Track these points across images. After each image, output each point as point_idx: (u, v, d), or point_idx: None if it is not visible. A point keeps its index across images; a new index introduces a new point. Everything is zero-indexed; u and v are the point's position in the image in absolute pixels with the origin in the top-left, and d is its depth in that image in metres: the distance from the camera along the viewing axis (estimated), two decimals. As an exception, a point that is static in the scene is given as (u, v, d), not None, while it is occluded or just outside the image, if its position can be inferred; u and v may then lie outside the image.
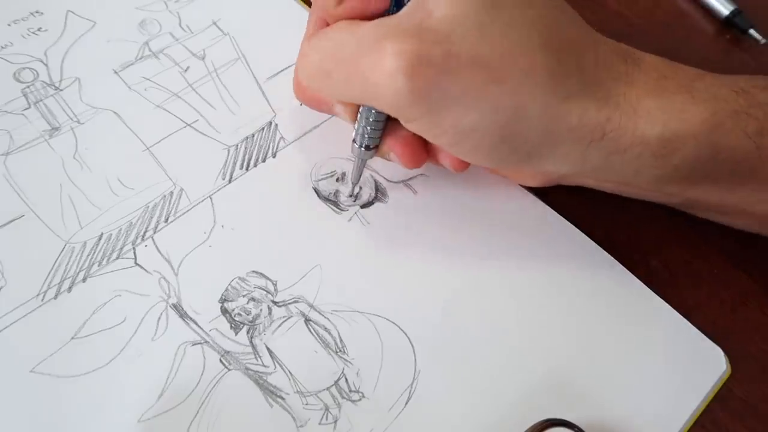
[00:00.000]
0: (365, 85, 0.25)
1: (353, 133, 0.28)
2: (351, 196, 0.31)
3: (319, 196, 0.31)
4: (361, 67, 0.24)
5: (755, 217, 0.29)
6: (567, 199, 0.32)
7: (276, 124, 0.33)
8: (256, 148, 0.33)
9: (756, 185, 0.27)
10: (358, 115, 0.28)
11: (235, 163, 0.32)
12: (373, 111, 0.27)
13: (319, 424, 0.26)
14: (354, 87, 0.25)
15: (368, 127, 0.27)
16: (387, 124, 0.28)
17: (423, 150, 0.28)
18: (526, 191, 0.32)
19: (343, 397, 0.26)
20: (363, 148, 0.28)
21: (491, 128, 0.25)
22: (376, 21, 0.25)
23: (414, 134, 0.28)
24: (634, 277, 0.30)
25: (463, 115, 0.24)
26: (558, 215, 0.32)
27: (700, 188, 0.27)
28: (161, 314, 0.28)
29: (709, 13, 0.41)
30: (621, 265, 0.30)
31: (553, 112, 0.24)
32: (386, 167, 0.32)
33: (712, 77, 0.26)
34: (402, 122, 0.26)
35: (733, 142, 0.25)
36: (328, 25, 0.27)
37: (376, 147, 0.29)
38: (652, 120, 0.25)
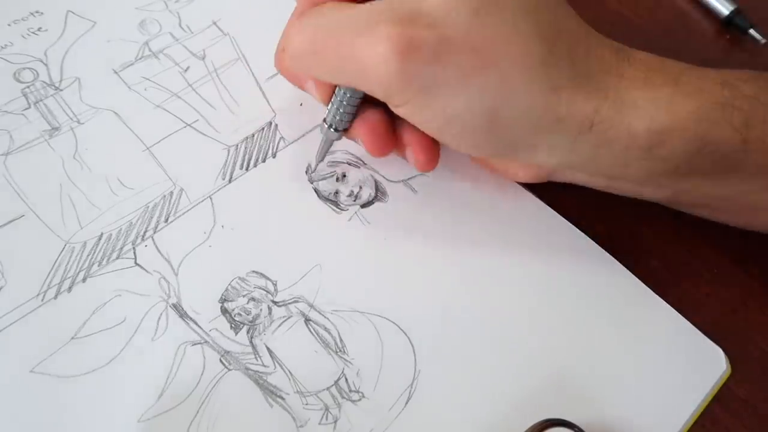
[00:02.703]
0: (355, 68, 0.25)
1: (324, 114, 0.28)
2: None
3: (319, 196, 0.31)
4: (352, 49, 0.24)
5: (740, 209, 0.29)
6: (567, 199, 0.32)
7: (276, 124, 0.33)
8: (256, 148, 0.33)
9: (742, 176, 0.27)
10: (333, 96, 0.28)
11: (235, 163, 0.32)
12: (348, 94, 0.27)
13: (319, 424, 0.26)
14: (343, 69, 0.25)
15: (341, 110, 0.28)
16: (359, 108, 0.28)
17: (389, 140, 0.28)
18: (526, 191, 0.32)
19: (343, 397, 0.26)
20: (332, 129, 0.28)
21: (479, 114, 0.25)
22: (370, 3, 0.25)
23: (383, 123, 0.28)
24: (634, 277, 0.30)
25: (452, 100, 0.24)
26: (558, 215, 0.32)
27: (688, 181, 0.27)
28: (161, 314, 0.28)
29: (709, 13, 0.41)
30: (621, 265, 0.30)
31: (541, 101, 0.24)
32: (386, 167, 0.32)
33: (698, 71, 0.26)
34: (390, 106, 0.26)
35: (719, 134, 0.25)
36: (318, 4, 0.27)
37: (345, 131, 0.29)
38: (640, 112, 0.25)
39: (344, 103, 0.27)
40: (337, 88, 0.28)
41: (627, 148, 0.25)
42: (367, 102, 0.28)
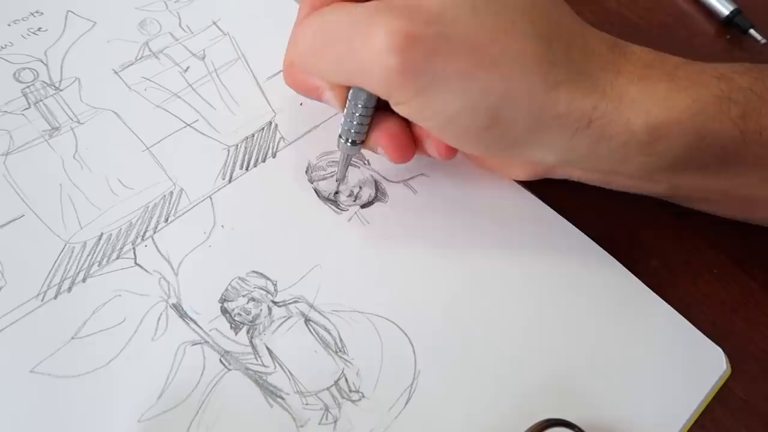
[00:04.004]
0: (356, 64, 0.25)
1: (339, 129, 0.28)
2: (338, 193, 0.31)
3: (319, 196, 0.31)
4: (352, 45, 0.24)
5: (738, 202, 0.29)
6: (567, 199, 0.32)
7: (276, 124, 0.33)
8: (256, 148, 0.33)
9: (739, 169, 0.27)
10: (346, 108, 0.28)
11: (235, 163, 0.32)
12: (361, 100, 0.27)
13: (319, 424, 0.26)
14: (345, 66, 0.25)
15: (354, 121, 0.27)
16: (374, 118, 0.28)
17: (410, 143, 0.28)
18: (526, 191, 0.32)
19: (343, 397, 0.26)
20: (349, 144, 0.28)
21: (480, 112, 0.25)
22: (371, 2, 0.25)
23: (401, 127, 0.28)
24: (634, 277, 0.30)
25: (452, 98, 0.24)
26: (558, 215, 0.32)
27: (686, 175, 0.27)
28: (161, 314, 0.28)
29: (709, 13, 0.41)
30: (621, 265, 0.30)
31: (541, 99, 0.25)
32: (386, 167, 0.32)
33: (693, 65, 0.26)
34: (392, 105, 0.26)
35: (717, 126, 0.25)
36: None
37: (362, 142, 0.29)
38: (637, 108, 0.25)
39: (358, 107, 0.27)
40: (349, 95, 0.27)
41: (625, 143, 0.25)
42: (382, 111, 0.28)
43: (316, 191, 0.32)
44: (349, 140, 0.28)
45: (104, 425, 0.25)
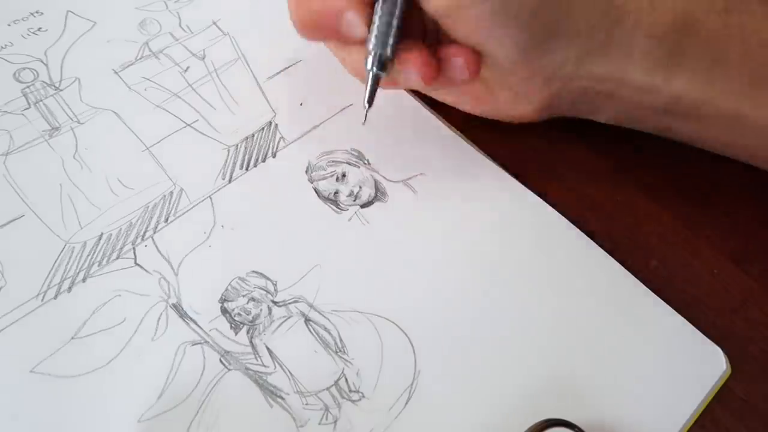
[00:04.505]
0: None
1: (368, 47, 0.27)
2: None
3: (319, 196, 0.31)
4: None
5: (726, 121, 0.30)
6: (567, 199, 0.32)
7: (276, 124, 0.33)
8: (256, 148, 0.33)
9: (725, 70, 0.28)
10: (372, 25, 0.27)
11: (235, 163, 0.32)
12: (387, 8, 0.26)
13: (319, 424, 0.26)
14: None
15: (381, 37, 0.27)
16: (401, 31, 0.27)
17: (435, 62, 0.28)
18: (527, 190, 0.32)
19: (343, 397, 0.26)
20: (377, 66, 0.27)
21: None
22: None
23: (424, 47, 0.27)
24: (634, 277, 0.30)
25: None
26: (558, 214, 0.32)
27: (681, 78, 0.28)
28: (161, 314, 0.28)
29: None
30: (621, 265, 0.30)
31: None
32: (386, 167, 0.32)
33: None
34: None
35: (702, 16, 0.27)
36: None
37: (390, 63, 0.27)
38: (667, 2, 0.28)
39: (384, 28, 0.26)
40: (375, 13, 0.26)
41: (650, 35, 0.27)
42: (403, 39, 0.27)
43: (316, 191, 0.32)
44: (378, 62, 0.27)
45: (104, 425, 0.25)
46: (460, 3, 0.26)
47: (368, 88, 0.28)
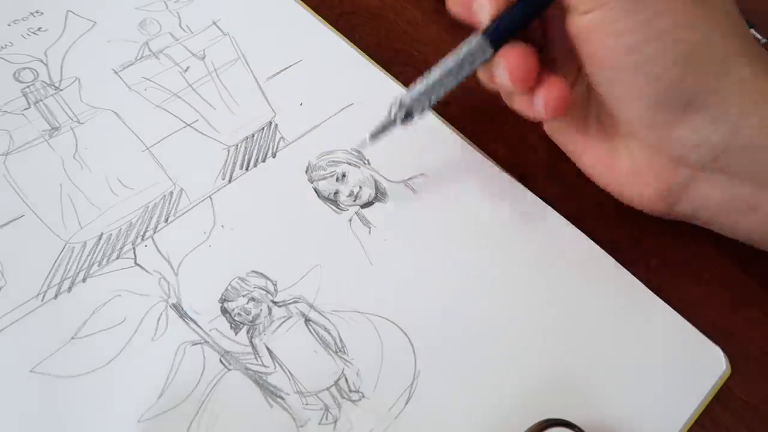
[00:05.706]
0: None
1: (485, 25, 0.27)
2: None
3: (319, 196, 0.31)
4: None
5: None
6: (567, 199, 0.32)
7: (276, 124, 0.33)
8: (256, 148, 0.33)
9: None
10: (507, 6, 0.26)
11: (235, 163, 0.32)
12: None
13: (319, 424, 0.26)
14: None
15: (510, 17, 0.26)
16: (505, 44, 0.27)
17: (536, 69, 0.26)
18: (526, 190, 0.32)
19: (343, 397, 0.26)
20: (490, 41, 0.26)
21: (684, 42, 0.23)
22: None
23: (532, 52, 0.26)
24: (634, 277, 0.30)
25: (655, 16, 0.23)
26: (558, 215, 0.32)
27: None
28: (161, 314, 0.28)
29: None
30: (621, 265, 0.30)
31: (732, 51, 0.24)
32: (386, 167, 0.32)
33: None
34: (576, 13, 0.24)
35: None
36: None
37: (505, 43, 0.27)
38: None
39: (516, 14, 0.26)
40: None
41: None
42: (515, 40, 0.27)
43: (316, 191, 0.32)
44: (498, 32, 0.26)
45: (104, 425, 0.25)
46: (609, 28, 0.24)
47: (460, 61, 0.27)
